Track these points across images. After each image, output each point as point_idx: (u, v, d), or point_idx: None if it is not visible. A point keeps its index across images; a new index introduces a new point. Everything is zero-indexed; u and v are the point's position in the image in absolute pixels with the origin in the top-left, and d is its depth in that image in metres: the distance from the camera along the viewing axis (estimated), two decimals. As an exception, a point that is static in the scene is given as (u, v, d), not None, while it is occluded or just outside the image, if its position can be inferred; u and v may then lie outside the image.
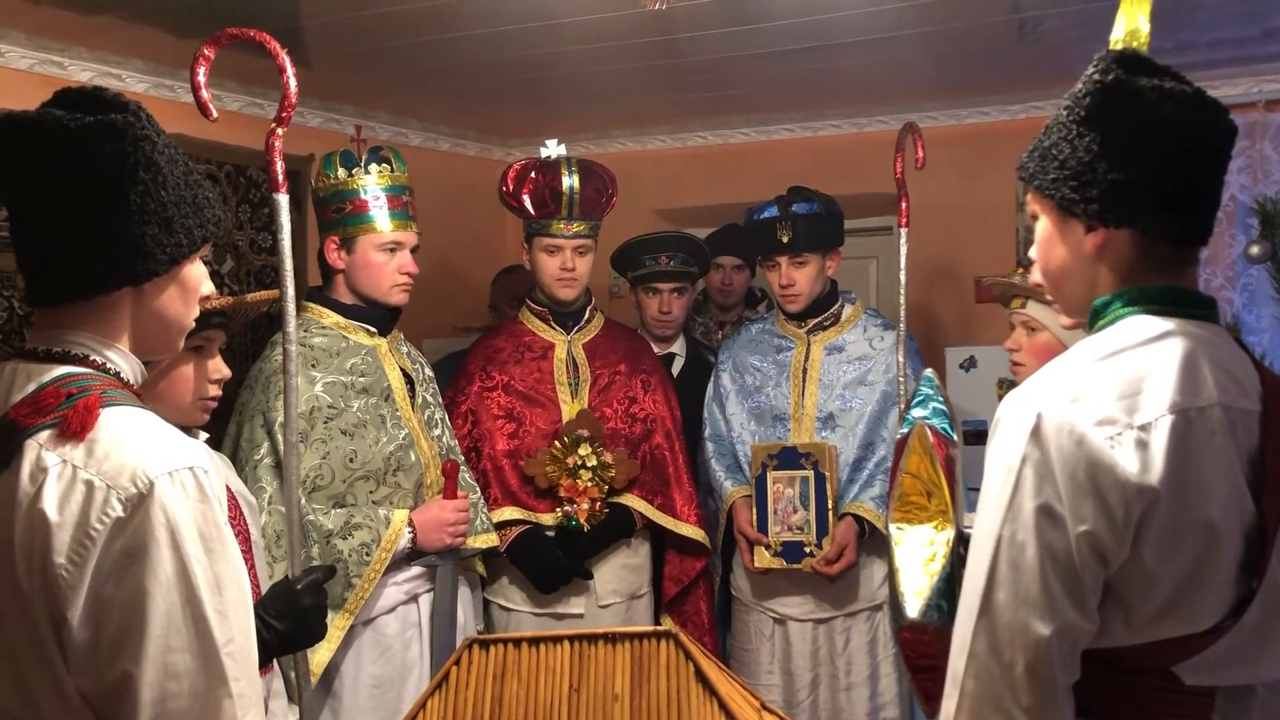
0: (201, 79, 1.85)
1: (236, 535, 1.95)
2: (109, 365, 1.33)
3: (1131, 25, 1.53)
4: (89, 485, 1.20)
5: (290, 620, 1.72)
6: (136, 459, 1.22)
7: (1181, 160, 1.32)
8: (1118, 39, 1.52)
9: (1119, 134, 1.33)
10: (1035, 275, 1.53)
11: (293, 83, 1.91)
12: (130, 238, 1.29)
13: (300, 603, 1.75)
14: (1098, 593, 1.27)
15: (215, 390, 2.02)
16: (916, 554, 1.62)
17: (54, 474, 1.21)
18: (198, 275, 1.41)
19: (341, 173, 2.56)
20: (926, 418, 1.73)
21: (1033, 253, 1.49)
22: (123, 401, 1.29)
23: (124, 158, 1.28)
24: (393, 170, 2.60)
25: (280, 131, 1.94)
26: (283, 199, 1.96)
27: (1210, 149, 1.35)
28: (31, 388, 1.29)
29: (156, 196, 1.31)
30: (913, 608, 1.56)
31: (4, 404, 1.29)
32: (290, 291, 1.97)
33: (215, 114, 1.85)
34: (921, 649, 1.62)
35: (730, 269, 3.79)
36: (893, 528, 1.65)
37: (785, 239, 2.98)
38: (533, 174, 2.94)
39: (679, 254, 3.44)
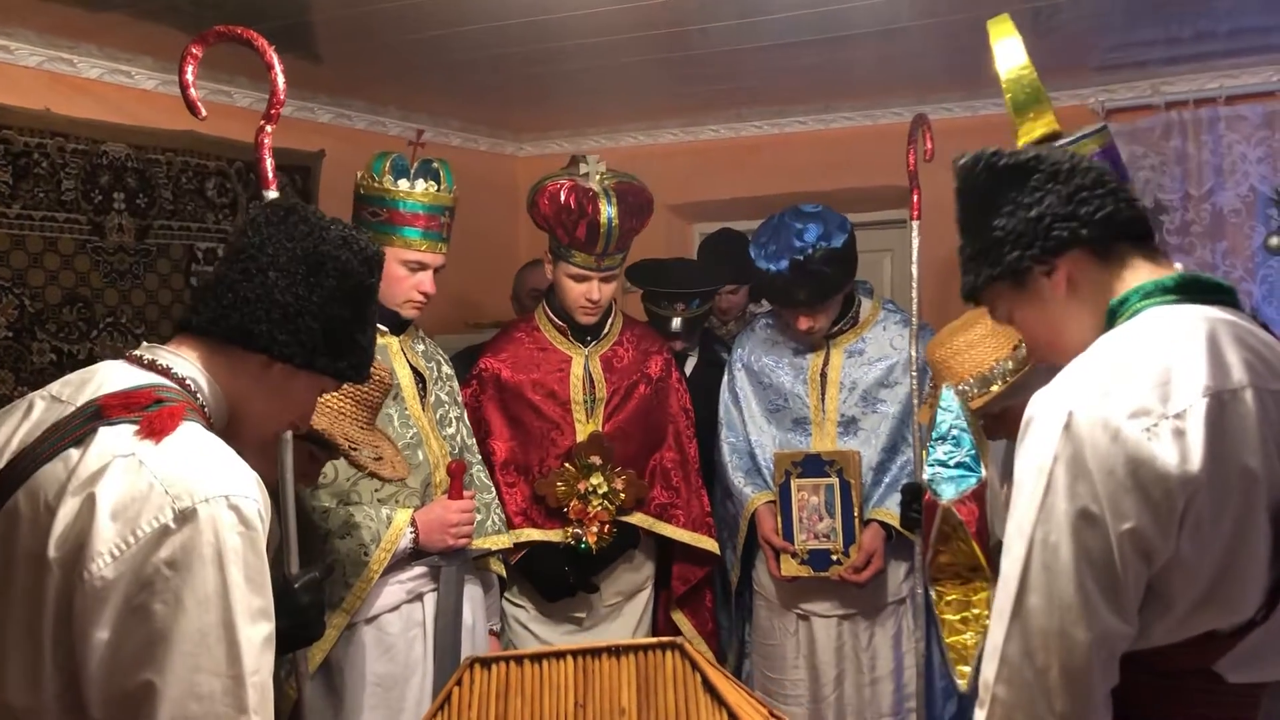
0: (190, 77, 1.85)
1: None
2: (200, 396, 1.39)
3: (1009, 62, 1.64)
4: (149, 486, 1.22)
5: (288, 619, 1.71)
6: (198, 476, 1.24)
7: (1072, 176, 1.42)
8: (1006, 88, 1.81)
9: (1009, 189, 1.45)
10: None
11: (280, 79, 1.90)
12: (303, 325, 1.42)
13: (298, 601, 1.74)
14: (1140, 594, 1.24)
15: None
16: (957, 621, 1.63)
17: (121, 465, 1.23)
18: (304, 405, 1.53)
19: (389, 179, 2.53)
20: (953, 470, 1.72)
21: (1023, 353, 1.54)
22: (199, 423, 1.33)
23: (363, 279, 1.49)
24: (438, 188, 2.57)
25: (269, 129, 1.93)
26: (273, 195, 1.96)
27: (1086, 164, 1.44)
28: (124, 386, 1.33)
29: (344, 315, 1.46)
30: (961, 682, 1.59)
31: (94, 393, 1.33)
32: None
33: (204, 112, 1.86)
34: None
35: (726, 293, 3.74)
36: (933, 593, 1.66)
37: (802, 295, 2.88)
38: (570, 202, 2.79)
39: (695, 299, 3.39)
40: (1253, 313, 3.50)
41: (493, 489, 2.79)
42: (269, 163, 1.96)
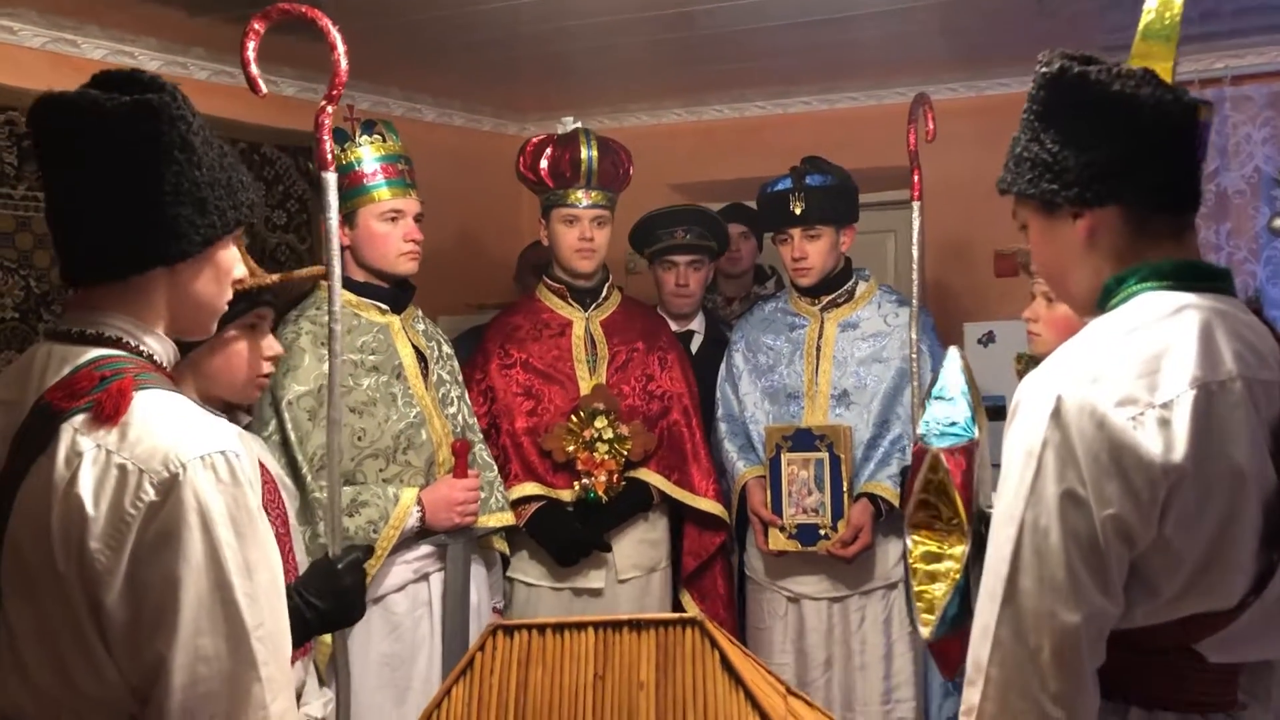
0: (251, 54, 1.85)
1: (274, 518, 1.96)
2: (142, 348, 1.34)
3: None
4: (122, 470, 1.21)
5: (331, 600, 1.72)
6: (169, 443, 1.23)
7: (1144, 130, 1.34)
8: (1150, 8, 1.51)
9: (1078, 118, 1.37)
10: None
11: (343, 61, 1.91)
12: (164, 218, 1.30)
13: (341, 582, 1.75)
14: (1123, 575, 1.26)
15: (269, 367, 2.03)
16: (930, 571, 1.64)
17: (89, 459, 1.22)
18: (230, 258, 1.43)
19: (334, 149, 2.54)
20: (946, 428, 1.72)
21: (1033, 266, 1.51)
22: (155, 385, 1.30)
23: (159, 137, 1.29)
24: (385, 140, 2.59)
25: (330, 109, 1.94)
26: (331, 177, 1.96)
27: (1170, 119, 1.35)
28: (66, 370, 1.30)
29: (191, 177, 1.31)
30: (925, 630, 1.61)
31: (39, 386, 1.30)
32: (337, 270, 1.98)
33: (264, 89, 1.85)
34: (942, 648, 1.66)
35: (736, 236, 3.76)
36: (908, 540, 1.67)
37: (798, 210, 2.94)
38: (550, 147, 2.95)
39: (695, 227, 3.42)
40: (1256, 294, 3.53)
41: (494, 467, 2.81)
42: (328, 143, 1.97)
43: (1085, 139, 1.36)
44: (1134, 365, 1.26)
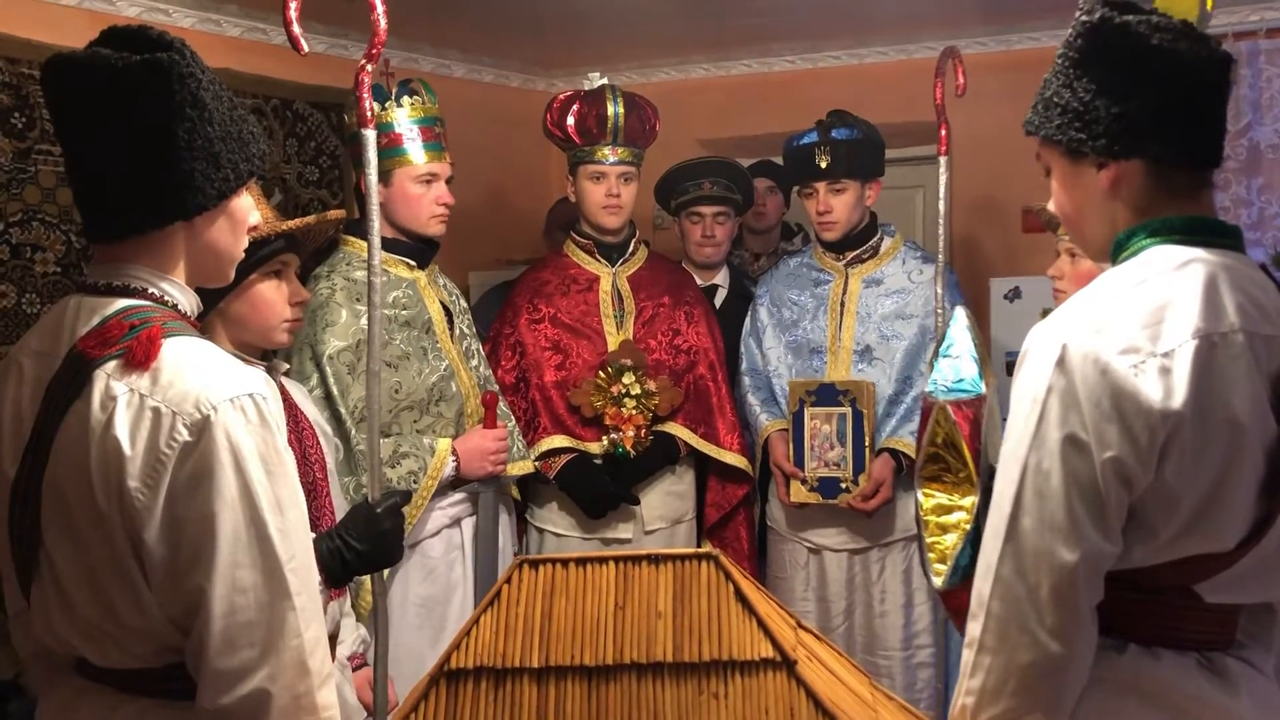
0: (294, 13, 1.87)
1: (314, 463, 2.01)
2: (166, 298, 1.39)
3: None
4: (156, 412, 1.26)
5: (371, 542, 1.77)
6: (199, 386, 1.28)
7: (1178, 86, 1.35)
8: None
9: (1114, 69, 1.37)
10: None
11: (383, 20, 1.92)
12: (179, 174, 1.33)
13: (381, 525, 1.80)
14: (1122, 517, 1.30)
15: (296, 312, 2.08)
16: (941, 523, 1.67)
17: (123, 402, 1.27)
18: (245, 207, 1.46)
19: (375, 108, 2.56)
20: (954, 385, 1.74)
21: (1051, 205, 1.52)
22: (182, 332, 1.35)
23: (170, 95, 1.31)
24: (424, 102, 2.61)
25: (370, 68, 1.96)
26: (370, 134, 1.98)
27: (1204, 75, 1.37)
28: (95, 320, 1.34)
29: (203, 132, 1.34)
30: (937, 580, 1.63)
31: (70, 336, 1.35)
32: (376, 225, 2.00)
33: (306, 48, 1.87)
34: (953, 600, 1.69)
35: (763, 191, 3.76)
36: (919, 494, 1.69)
37: (823, 164, 2.95)
38: (577, 104, 2.97)
39: (721, 179, 3.43)
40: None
41: (513, 418, 2.87)
42: (368, 101, 1.99)
43: (1118, 90, 1.37)
44: (1138, 316, 1.30)
